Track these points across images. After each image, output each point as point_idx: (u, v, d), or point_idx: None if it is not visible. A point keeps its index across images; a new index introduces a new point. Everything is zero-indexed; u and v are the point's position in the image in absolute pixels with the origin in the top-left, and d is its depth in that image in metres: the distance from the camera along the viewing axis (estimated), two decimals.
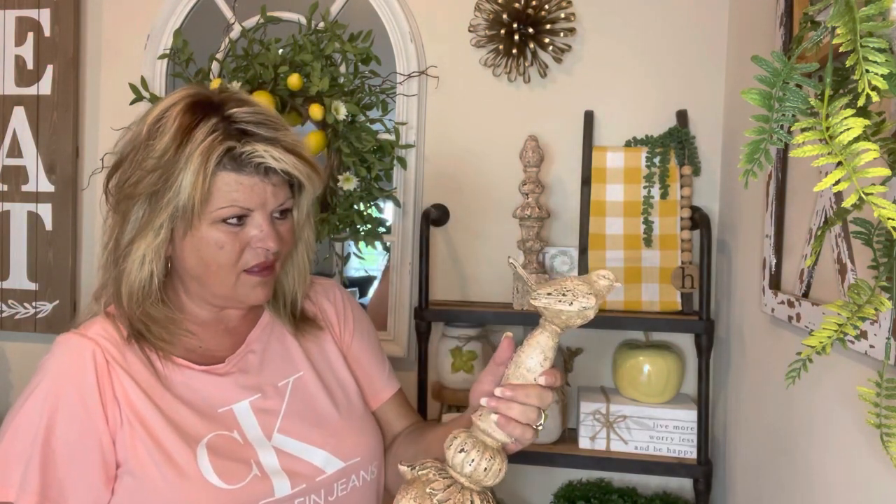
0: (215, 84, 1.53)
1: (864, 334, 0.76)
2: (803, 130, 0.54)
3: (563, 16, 1.63)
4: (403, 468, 0.82)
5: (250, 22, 1.69)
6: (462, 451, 0.79)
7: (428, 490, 0.77)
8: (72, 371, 0.86)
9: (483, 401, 0.81)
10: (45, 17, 1.86)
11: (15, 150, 1.88)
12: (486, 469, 0.79)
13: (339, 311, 1.10)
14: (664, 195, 1.56)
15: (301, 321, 1.03)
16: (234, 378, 0.94)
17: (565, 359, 1.66)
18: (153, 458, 0.84)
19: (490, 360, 0.89)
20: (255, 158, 0.85)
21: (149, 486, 0.84)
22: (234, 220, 0.87)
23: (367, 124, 1.58)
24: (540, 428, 0.84)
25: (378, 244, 1.63)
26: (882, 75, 0.50)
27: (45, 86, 1.86)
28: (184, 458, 0.85)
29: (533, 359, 0.83)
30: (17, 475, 0.81)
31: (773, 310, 1.14)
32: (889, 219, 0.49)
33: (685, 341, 1.60)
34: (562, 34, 1.64)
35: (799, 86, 0.56)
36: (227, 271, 0.89)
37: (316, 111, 1.55)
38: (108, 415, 0.85)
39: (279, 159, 0.86)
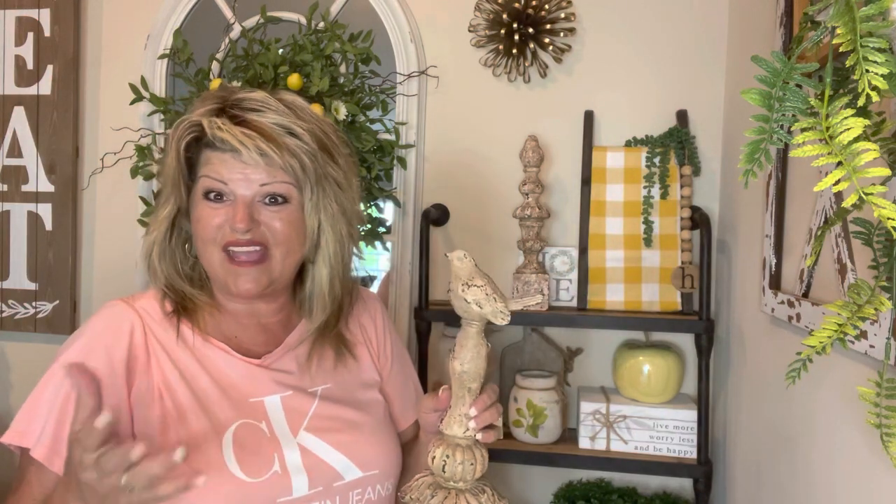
0: (215, 84, 1.53)
1: (864, 334, 0.76)
2: (803, 130, 0.54)
3: (563, 16, 1.63)
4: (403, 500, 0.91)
5: (250, 22, 1.69)
6: (446, 458, 0.88)
7: None
8: (107, 336, 0.89)
9: (471, 424, 0.89)
10: (45, 17, 1.86)
11: (15, 150, 1.88)
12: (471, 464, 0.88)
13: (380, 332, 1.10)
14: (664, 195, 1.56)
15: (338, 339, 1.01)
16: (268, 373, 0.94)
17: (565, 359, 1.66)
18: (178, 439, 0.85)
19: (431, 397, 0.96)
20: (210, 132, 0.87)
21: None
22: (212, 196, 0.90)
23: (367, 124, 1.58)
24: (500, 423, 0.96)
25: (378, 244, 1.63)
26: (882, 75, 0.50)
27: (45, 86, 1.86)
28: (209, 444, 0.86)
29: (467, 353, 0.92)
30: (38, 427, 0.86)
31: (773, 310, 1.14)
32: (889, 219, 0.49)
33: (685, 341, 1.60)
34: (562, 34, 1.64)
35: (799, 86, 0.56)
36: (209, 247, 0.90)
37: (316, 111, 1.54)
38: (132, 385, 0.87)
39: (227, 130, 0.86)
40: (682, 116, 1.59)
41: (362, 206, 1.61)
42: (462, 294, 0.89)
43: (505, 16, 1.63)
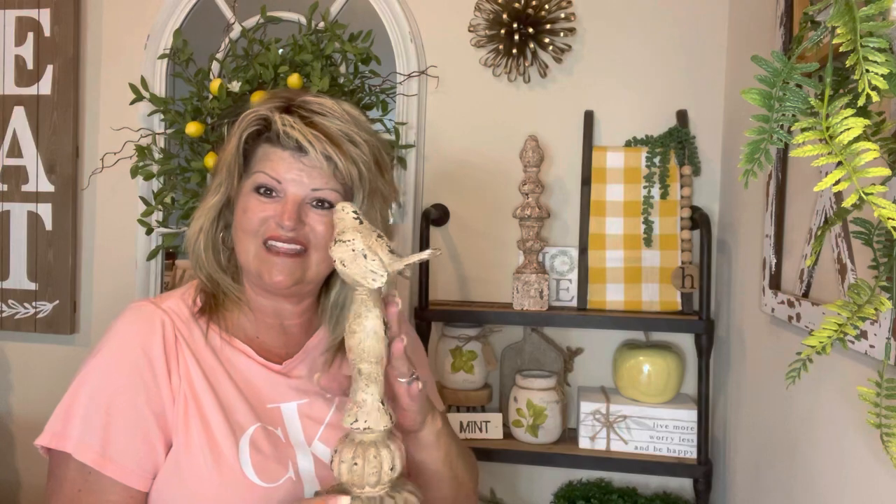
0: (215, 84, 1.53)
1: (864, 334, 0.76)
2: (803, 130, 0.54)
3: (563, 16, 1.63)
4: None
5: (250, 22, 1.69)
6: (342, 461, 0.76)
7: None
8: (142, 335, 0.88)
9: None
10: (45, 17, 1.86)
11: (15, 150, 1.88)
12: (374, 467, 0.75)
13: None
14: (664, 195, 1.56)
15: None
16: (287, 380, 0.95)
17: (565, 359, 1.66)
18: (199, 441, 0.86)
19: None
20: (281, 128, 0.89)
21: (189, 466, 0.85)
22: (263, 191, 0.91)
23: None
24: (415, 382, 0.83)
25: None
26: (882, 75, 0.50)
27: (45, 86, 1.86)
28: (227, 447, 0.86)
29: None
30: (75, 430, 0.84)
31: (773, 310, 1.14)
32: (889, 219, 0.49)
33: (685, 341, 1.60)
34: (562, 34, 1.64)
35: (799, 86, 0.56)
36: (248, 238, 0.91)
37: None
38: (172, 385, 0.87)
39: (298, 129, 0.88)
40: (682, 116, 1.59)
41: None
42: (330, 252, 0.76)
43: (505, 16, 1.63)
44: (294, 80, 1.50)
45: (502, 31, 1.64)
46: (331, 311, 0.99)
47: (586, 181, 1.58)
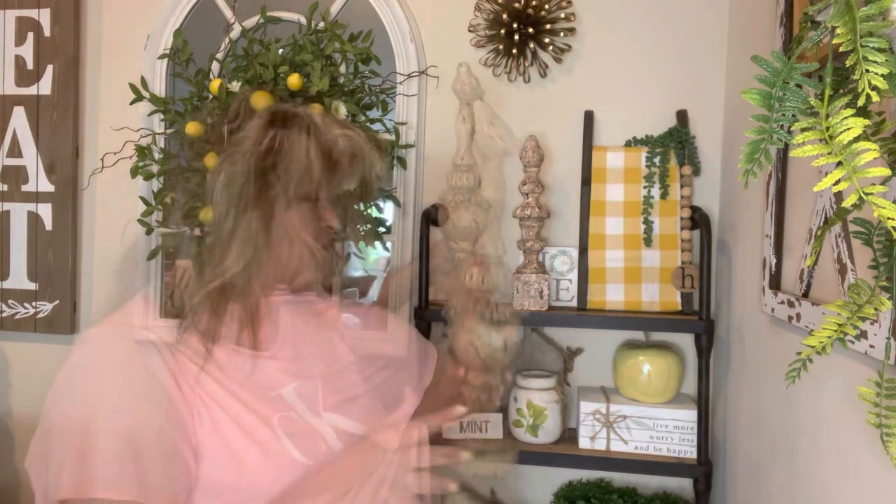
0: (215, 84, 1.52)
1: (864, 334, 0.76)
2: (803, 130, 0.54)
3: (563, 16, 1.63)
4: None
5: (250, 22, 1.69)
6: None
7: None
8: (136, 354, 0.85)
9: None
10: (45, 17, 1.86)
11: (15, 150, 1.88)
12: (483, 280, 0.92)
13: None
14: (664, 195, 1.56)
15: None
16: (277, 364, 0.96)
17: (565, 359, 1.66)
18: (237, 437, 0.85)
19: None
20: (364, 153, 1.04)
21: (236, 463, 0.84)
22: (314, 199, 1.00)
23: (367, 124, 1.58)
24: None
25: (378, 244, 1.63)
26: (882, 75, 0.50)
27: (45, 86, 1.87)
28: (265, 437, 0.87)
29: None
30: (100, 474, 0.78)
31: (773, 310, 1.14)
32: (889, 219, 0.49)
33: (685, 341, 1.60)
34: (562, 34, 1.64)
35: (799, 86, 0.56)
36: (307, 245, 0.98)
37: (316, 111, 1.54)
38: (184, 393, 0.85)
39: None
40: (682, 116, 1.59)
41: (362, 206, 1.61)
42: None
43: (505, 16, 1.63)
44: (294, 80, 1.50)
45: (502, 31, 1.64)
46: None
47: (586, 181, 1.58)
